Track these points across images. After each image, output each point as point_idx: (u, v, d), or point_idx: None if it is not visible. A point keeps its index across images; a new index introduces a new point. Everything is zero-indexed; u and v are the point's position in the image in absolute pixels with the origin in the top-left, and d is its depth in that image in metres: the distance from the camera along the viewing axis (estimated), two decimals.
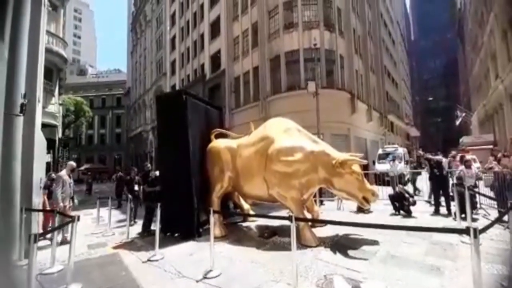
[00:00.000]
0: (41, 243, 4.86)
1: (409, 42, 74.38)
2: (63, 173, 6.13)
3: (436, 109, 76.83)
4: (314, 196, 7.02)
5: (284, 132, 5.57)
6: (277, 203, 5.57)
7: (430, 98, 66.79)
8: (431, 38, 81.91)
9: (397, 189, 7.33)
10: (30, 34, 4.95)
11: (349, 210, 7.70)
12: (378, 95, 25.82)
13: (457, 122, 32.61)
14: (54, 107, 15.56)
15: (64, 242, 5.57)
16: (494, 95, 21.04)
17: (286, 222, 3.30)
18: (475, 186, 6.81)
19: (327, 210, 7.93)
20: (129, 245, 5.51)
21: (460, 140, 27.04)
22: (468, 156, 7.83)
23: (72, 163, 6.57)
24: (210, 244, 3.91)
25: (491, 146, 18.04)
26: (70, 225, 3.81)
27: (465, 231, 2.38)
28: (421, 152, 11.04)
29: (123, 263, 4.41)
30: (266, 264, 3.99)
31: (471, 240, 2.30)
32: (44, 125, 8.40)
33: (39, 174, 5.53)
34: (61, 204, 5.68)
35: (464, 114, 31.50)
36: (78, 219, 3.84)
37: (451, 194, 6.47)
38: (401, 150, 15.63)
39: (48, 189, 5.75)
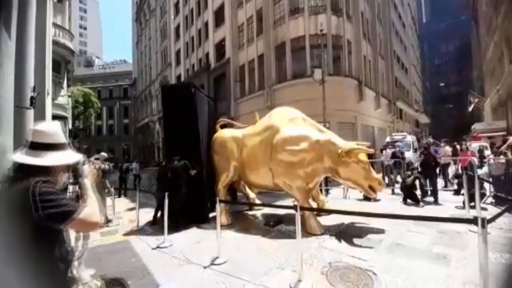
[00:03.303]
0: None
1: (420, 24, 71.47)
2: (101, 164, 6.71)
3: (447, 95, 74.51)
4: (320, 185, 7.04)
5: (289, 121, 5.55)
6: (282, 191, 5.62)
7: (442, 84, 64.73)
8: (444, 21, 78.51)
9: (408, 180, 7.12)
10: (37, 27, 4.97)
11: (355, 198, 7.70)
12: (386, 81, 25.21)
13: (470, 109, 31.54)
14: (63, 99, 15.78)
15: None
16: (508, 80, 20.26)
17: (292, 211, 3.34)
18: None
19: (333, 198, 7.95)
20: (139, 232, 5.68)
21: (472, 127, 26.35)
22: (476, 144, 7.67)
23: (104, 154, 7.37)
24: (217, 232, 4.00)
25: (503, 133, 17.53)
26: None
27: (473, 221, 2.36)
28: (431, 139, 10.91)
29: (133, 250, 4.56)
30: (272, 252, 4.07)
31: (478, 230, 2.29)
32: (54, 117, 8.60)
33: None
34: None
35: (476, 100, 30.41)
36: None
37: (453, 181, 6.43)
38: (410, 138, 15.37)
39: None
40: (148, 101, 41.28)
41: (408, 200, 6.90)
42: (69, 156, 1.34)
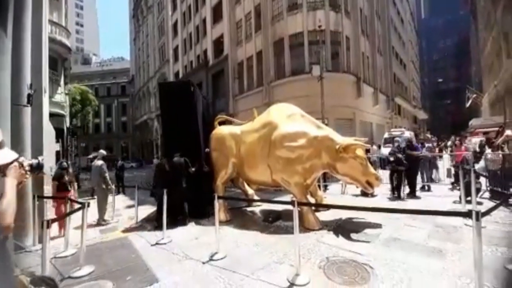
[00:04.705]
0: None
1: (419, 20, 71.26)
2: (101, 161, 6.69)
3: (445, 91, 74.61)
4: (318, 181, 7.08)
5: (287, 117, 5.56)
6: (281, 187, 5.64)
7: (440, 80, 64.73)
8: (442, 16, 78.35)
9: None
10: (33, 24, 4.92)
11: (353, 194, 7.75)
12: (385, 78, 25.22)
13: (467, 104, 31.63)
14: (60, 96, 15.71)
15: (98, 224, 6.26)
16: (505, 75, 20.30)
17: (290, 207, 3.37)
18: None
19: (331, 194, 8.00)
20: (138, 229, 5.70)
21: (470, 122, 26.44)
22: (475, 139, 7.71)
23: (103, 151, 7.24)
24: (215, 228, 4.03)
25: (498, 128, 17.58)
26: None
27: (468, 214, 2.39)
28: (428, 135, 11.04)
29: (132, 246, 4.59)
30: (270, 247, 4.11)
31: (473, 223, 2.32)
32: (52, 115, 8.54)
33: (48, 163, 5.67)
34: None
35: (474, 96, 30.45)
36: (88, 205, 3.99)
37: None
38: (408, 134, 15.43)
39: (59, 180, 5.80)
40: (146, 99, 41.13)
41: (407, 195, 6.97)
42: None
